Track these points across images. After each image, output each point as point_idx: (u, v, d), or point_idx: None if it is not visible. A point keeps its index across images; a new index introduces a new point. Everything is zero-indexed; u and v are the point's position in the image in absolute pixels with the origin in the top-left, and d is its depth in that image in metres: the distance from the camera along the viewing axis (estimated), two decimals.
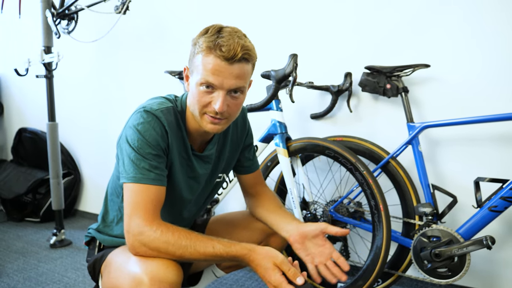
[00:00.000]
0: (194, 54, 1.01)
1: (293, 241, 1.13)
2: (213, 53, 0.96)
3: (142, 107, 1.04)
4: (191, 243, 0.96)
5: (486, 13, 1.63)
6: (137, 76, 2.75)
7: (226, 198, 2.16)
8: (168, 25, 2.55)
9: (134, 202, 0.99)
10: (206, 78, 0.98)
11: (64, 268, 2.15)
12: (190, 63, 1.04)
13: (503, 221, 1.65)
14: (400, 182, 1.70)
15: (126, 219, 0.99)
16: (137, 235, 0.96)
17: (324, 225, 1.12)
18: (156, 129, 1.01)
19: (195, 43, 1.01)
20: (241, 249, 0.98)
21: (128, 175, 1.00)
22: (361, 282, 1.56)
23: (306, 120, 2.08)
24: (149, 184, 1.00)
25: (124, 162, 1.02)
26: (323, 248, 1.11)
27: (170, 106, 1.07)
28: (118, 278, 0.99)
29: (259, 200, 1.33)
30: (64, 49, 2.53)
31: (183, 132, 1.10)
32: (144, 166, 0.99)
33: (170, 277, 0.93)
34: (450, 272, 1.49)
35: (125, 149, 1.02)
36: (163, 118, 1.03)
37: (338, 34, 1.97)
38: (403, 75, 1.71)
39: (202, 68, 0.98)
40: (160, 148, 1.02)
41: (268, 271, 0.95)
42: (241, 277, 2.02)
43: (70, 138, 3.24)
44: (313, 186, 2.06)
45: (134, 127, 1.01)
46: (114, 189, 1.17)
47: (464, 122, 1.55)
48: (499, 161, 1.64)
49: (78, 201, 3.26)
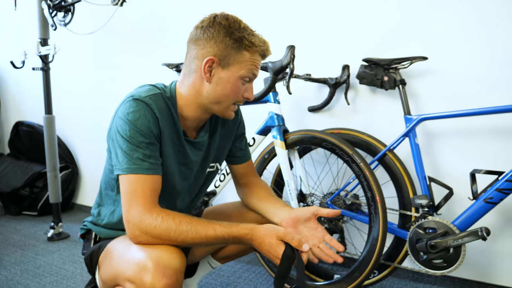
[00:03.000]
0: (233, 48, 1.04)
1: (285, 225, 1.14)
2: (258, 51, 1.07)
3: (130, 96, 1.03)
4: (192, 228, 0.97)
5: (484, 5, 1.62)
6: (134, 69, 2.75)
7: (223, 190, 2.17)
8: (166, 17, 2.54)
9: (131, 192, 0.99)
10: (253, 72, 1.08)
11: (61, 260, 2.15)
12: (222, 56, 1.04)
13: (499, 213, 1.66)
14: (396, 174, 1.70)
15: (125, 209, 0.99)
16: (138, 224, 0.96)
17: (315, 208, 1.14)
18: (147, 117, 1.01)
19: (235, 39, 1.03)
20: (242, 229, 1.00)
21: (122, 167, 1.00)
22: (357, 273, 1.57)
23: (303, 112, 2.08)
24: (144, 174, 1.00)
25: (117, 154, 1.01)
26: (315, 231, 1.13)
27: (159, 92, 1.07)
28: (120, 264, 0.99)
29: (250, 190, 1.34)
30: (60, 41, 2.52)
31: (174, 118, 1.09)
32: (138, 156, 0.99)
33: (175, 262, 0.94)
34: (445, 263, 1.50)
35: (116, 140, 1.01)
36: (153, 104, 1.02)
37: (336, 26, 1.96)
38: (401, 68, 1.71)
39: (250, 64, 1.06)
40: (153, 136, 1.02)
41: (273, 246, 0.98)
42: (239, 269, 2.03)
43: (68, 131, 3.24)
44: (310, 179, 2.07)
45: (124, 117, 1.00)
46: (108, 183, 1.16)
47: (460, 115, 1.55)
48: (495, 153, 1.65)
49: (75, 195, 3.26)
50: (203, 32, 1.05)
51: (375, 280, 1.74)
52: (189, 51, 1.09)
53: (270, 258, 1.01)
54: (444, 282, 1.82)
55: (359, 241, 1.97)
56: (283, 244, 0.98)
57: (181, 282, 0.96)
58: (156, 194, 1.02)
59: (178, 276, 0.94)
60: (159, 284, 0.90)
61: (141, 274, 0.92)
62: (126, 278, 0.95)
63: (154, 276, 0.91)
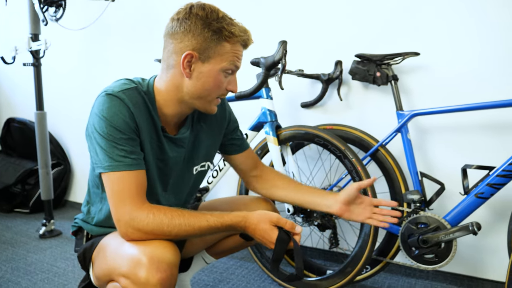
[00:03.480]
0: (212, 40, 1.00)
1: (341, 212, 1.21)
2: (239, 41, 1.02)
3: (103, 91, 1.01)
4: (184, 221, 0.97)
5: (475, 1, 1.63)
6: (126, 64, 2.73)
7: (216, 186, 2.17)
8: (158, 12, 2.52)
9: (117, 190, 0.97)
10: (235, 64, 1.05)
11: (53, 258, 2.14)
12: (202, 50, 1.00)
13: (490, 208, 1.67)
14: (389, 169, 1.71)
15: (113, 209, 0.98)
16: (129, 222, 0.96)
17: (356, 184, 1.20)
18: (122, 112, 0.98)
19: (214, 30, 0.99)
20: (235, 217, 1.01)
21: (103, 165, 0.98)
22: (349, 269, 1.58)
23: (296, 108, 2.08)
24: (127, 170, 0.98)
25: (97, 152, 0.99)
26: (364, 204, 1.23)
27: (134, 86, 1.04)
28: (114, 260, 0.99)
29: (268, 180, 1.34)
30: (52, 37, 2.49)
31: (151, 112, 1.06)
32: (119, 153, 0.97)
33: (169, 256, 0.94)
34: (437, 258, 1.50)
35: (94, 138, 0.99)
36: (126, 99, 1.00)
37: (328, 22, 1.96)
38: (393, 63, 1.71)
39: (232, 55, 1.02)
40: (131, 130, 0.99)
41: (267, 231, 1.00)
42: (231, 265, 2.03)
43: (60, 127, 3.21)
44: (303, 174, 2.07)
45: (100, 114, 0.98)
46: (93, 181, 1.14)
47: (452, 110, 1.56)
48: (486, 148, 1.66)
49: (68, 192, 3.24)
50: (180, 25, 1.01)
51: (368, 275, 1.75)
52: (166, 46, 1.05)
53: (264, 243, 1.02)
54: (436, 277, 1.83)
55: (352, 237, 1.98)
56: (277, 229, 1.00)
57: (176, 275, 0.96)
58: (143, 190, 1.01)
59: (172, 270, 0.94)
60: (154, 279, 0.90)
61: (136, 269, 0.91)
62: (120, 273, 0.95)
63: (148, 270, 0.90)
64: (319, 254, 2.12)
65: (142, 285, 0.90)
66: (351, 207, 1.22)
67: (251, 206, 1.31)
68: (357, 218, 1.22)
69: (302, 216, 1.76)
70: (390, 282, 1.83)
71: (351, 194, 1.21)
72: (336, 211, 1.21)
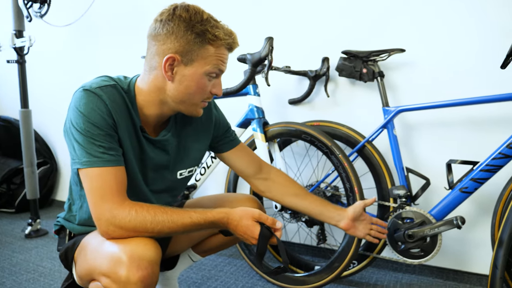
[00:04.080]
0: (195, 42, 0.98)
1: (348, 227, 1.31)
2: (223, 44, 1.00)
3: (81, 87, 0.99)
4: (167, 217, 0.96)
5: (459, 1, 1.65)
6: (113, 61, 2.70)
7: (204, 184, 2.16)
8: (145, 8, 2.49)
9: (96, 187, 0.95)
10: (220, 68, 1.03)
11: (39, 257, 2.11)
12: (184, 53, 0.98)
13: (474, 202, 1.70)
14: (375, 165, 1.72)
15: (93, 207, 0.96)
16: (111, 219, 0.94)
17: (362, 203, 1.32)
18: (100, 107, 0.96)
19: (197, 33, 0.97)
20: (217, 213, 1.01)
21: (81, 160, 0.96)
22: (337, 264, 1.59)
23: (284, 105, 2.08)
24: (106, 166, 0.96)
25: (75, 147, 0.97)
26: (365, 221, 1.35)
27: (113, 83, 1.02)
28: (95, 259, 0.97)
29: (277, 185, 1.36)
30: (37, 33, 2.45)
31: (130, 111, 1.04)
32: (97, 149, 0.95)
33: (149, 254, 0.92)
34: (422, 252, 1.52)
35: (72, 133, 0.97)
36: (104, 96, 0.98)
37: (315, 18, 1.96)
38: (379, 60, 1.72)
39: (216, 59, 1.01)
40: (108, 126, 0.97)
41: (250, 227, 1.00)
42: (220, 262, 2.03)
43: (46, 125, 3.17)
44: (290, 171, 2.07)
45: (77, 109, 0.96)
46: (72, 177, 1.12)
47: (437, 106, 1.57)
48: (470, 143, 1.68)
49: (55, 191, 3.20)
50: (162, 27, 0.98)
51: (355, 271, 1.76)
52: (150, 47, 1.03)
53: (246, 239, 1.02)
54: (423, 271, 1.85)
55: (339, 233, 1.99)
56: (259, 225, 1.01)
57: (157, 273, 0.95)
58: (124, 187, 0.99)
59: (153, 268, 0.93)
60: (134, 277, 0.89)
61: (116, 268, 0.90)
62: (101, 272, 0.94)
63: (129, 269, 0.89)
64: (307, 250, 2.13)
65: (122, 284, 0.89)
66: (356, 223, 1.32)
67: (237, 203, 1.31)
68: (360, 234, 1.34)
69: (289, 212, 1.77)
70: (377, 277, 1.85)
71: (357, 211, 1.30)
72: (343, 227, 1.31)
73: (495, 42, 1.59)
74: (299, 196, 1.34)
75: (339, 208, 1.33)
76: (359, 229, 1.33)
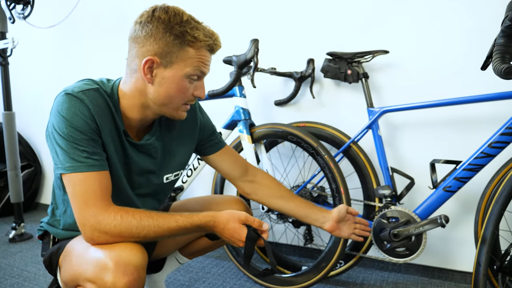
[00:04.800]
0: (174, 44, 0.96)
1: (332, 229, 1.33)
2: (203, 46, 0.99)
3: (63, 91, 0.98)
4: (153, 222, 0.95)
5: (441, 4, 1.67)
6: (98, 63, 2.67)
7: (191, 186, 2.16)
8: (130, 10, 2.48)
9: (80, 192, 0.94)
10: (201, 70, 1.01)
11: (23, 262, 2.08)
12: (163, 55, 0.97)
13: (457, 201, 1.72)
14: (361, 165, 1.73)
15: (77, 212, 0.94)
16: (95, 225, 0.92)
17: (345, 207, 1.34)
18: (82, 112, 0.95)
19: (176, 34, 0.96)
20: (204, 217, 1.00)
21: (64, 165, 0.94)
22: (324, 264, 1.60)
23: (270, 106, 2.09)
24: (89, 171, 0.95)
25: (57, 152, 0.95)
26: (350, 221, 1.36)
27: (95, 87, 1.01)
28: (80, 265, 0.96)
29: (263, 187, 1.36)
30: (20, 35, 2.42)
31: (114, 115, 1.03)
32: (80, 154, 0.94)
33: (135, 259, 0.92)
34: (408, 251, 1.54)
35: (54, 138, 0.96)
36: (86, 100, 0.96)
37: (300, 20, 1.98)
38: (364, 61, 1.74)
39: (196, 61, 0.99)
40: (91, 131, 0.96)
41: (236, 230, 1.00)
42: (207, 264, 2.03)
43: (30, 128, 3.12)
44: (277, 172, 2.08)
45: (59, 113, 0.95)
46: (56, 182, 1.11)
47: (420, 107, 1.60)
48: (453, 143, 1.71)
49: (39, 194, 3.16)
50: (142, 29, 0.97)
51: (342, 270, 1.77)
52: (130, 49, 1.02)
53: (232, 242, 1.01)
54: (408, 270, 1.88)
55: (326, 233, 1.99)
56: (245, 227, 1.01)
57: (144, 278, 0.94)
58: (108, 192, 0.98)
59: (140, 273, 0.92)
60: (121, 283, 0.88)
61: (102, 274, 0.89)
62: (86, 278, 0.93)
63: (114, 275, 0.88)
64: (294, 251, 2.14)
65: None
66: (341, 224, 1.34)
67: (223, 205, 1.31)
68: (345, 235, 1.36)
69: (276, 213, 1.77)
70: (363, 276, 1.86)
71: (341, 213, 1.32)
72: (328, 229, 1.32)
73: (478, 44, 1.62)
74: (285, 199, 1.35)
75: (324, 210, 1.34)
76: (343, 230, 1.35)
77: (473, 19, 1.62)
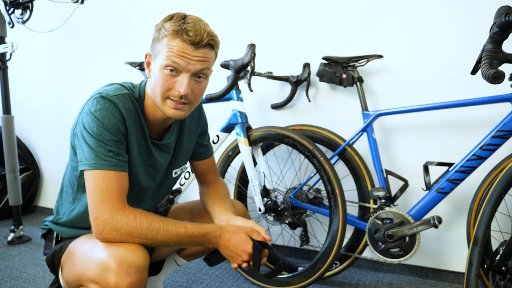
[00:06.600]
0: (158, 39, 1.02)
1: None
2: (179, 37, 0.98)
3: (98, 93, 1.02)
4: (163, 225, 0.98)
5: (437, 5, 1.71)
6: (96, 67, 2.70)
7: (189, 188, 2.18)
8: (128, 15, 2.51)
9: (101, 188, 0.97)
10: (172, 59, 0.98)
11: (23, 264, 2.10)
12: (152, 49, 1.04)
13: (450, 202, 1.76)
14: (356, 168, 1.77)
15: (93, 206, 0.97)
16: (109, 219, 0.95)
17: (252, 224, 1.12)
18: (114, 115, 1.00)
19: (159, 28, 1.01)
20: (211, 226, 1.05)
21: (89, 162, 0.98)
22: (319, 265, 1.62)
23: (267, 110, 2.12)
24: (112, 170, 0.99)
25: (84, 149, 0.99)
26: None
27: (127, 92, 1.06)
28: (83, 265, 0.99)
29: (207, 188, 1.35)
30: (19, 39, 2.45)
31: (141, 118, 1.09)
32: (105, 153, 0.98)
33: (138, 260, 0.94)
34: (402, 252, 1.57)
35: (82, 136, 1.00)
36: (120, 104, 1.02)
37: (297, 25, 2.01)
38: (358, 66, 1.77)
39: (168, 51, 0.99)
40: (120, 134, 1.01)
41: (243, 241, 1.04)
42: (205, 266, 2.05)
43: (28, 131, 3.14)
44: (273, 174, 2.11)
45: (92, 114, 0.99)
46: (69, 181, 1.14)
47: (414, 110, 1.63)
48: (446, 145, 1.74)
49: (37, 197, 3.17)
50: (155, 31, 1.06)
51: (337, 271, 1.80)
52: None
53: (237, 254, 1.04)
54: (403, 270, 1.91)
55: (322, 234, 2.03)
56: (251, 240, 1.05)
57: (146, 279, 0.97)
58: (125, 192, 1.01)
59: (142, 274, 0.95)
60: (123, 283, 0.90)
61: (105, 274, 0.92)
62: (89, 279, 0.95)
63: (117, 275, 0.91)
64: (290, 252, 2.17)
65: None
66: None
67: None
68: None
69: (273, 215, 1.80)
70: (359, 277, 1.89)
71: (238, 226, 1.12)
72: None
73: (470, 50, 1.65)
74: (212, 199, 1.28)
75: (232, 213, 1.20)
76: None
77: (466, 25, 1.66)
